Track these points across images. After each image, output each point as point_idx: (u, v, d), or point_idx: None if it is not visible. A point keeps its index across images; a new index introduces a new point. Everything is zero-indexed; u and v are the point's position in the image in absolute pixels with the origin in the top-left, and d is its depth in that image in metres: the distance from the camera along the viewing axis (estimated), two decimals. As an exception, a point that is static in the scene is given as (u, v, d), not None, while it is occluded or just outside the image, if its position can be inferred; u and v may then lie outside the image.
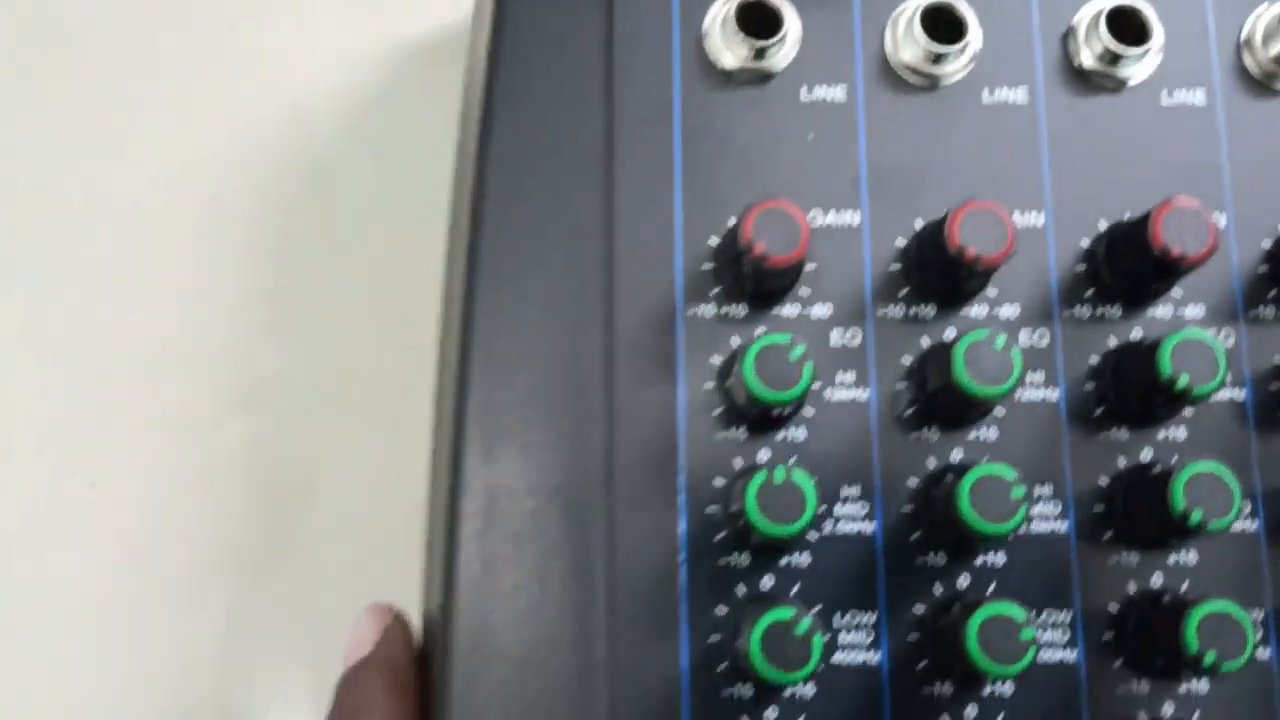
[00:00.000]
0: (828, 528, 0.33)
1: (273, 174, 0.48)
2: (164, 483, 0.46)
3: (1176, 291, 0.34)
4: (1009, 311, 0.34)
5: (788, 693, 0.32)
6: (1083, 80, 0.35)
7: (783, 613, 0.30)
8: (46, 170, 0.47)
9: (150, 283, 0.47)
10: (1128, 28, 0.35)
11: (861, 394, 0.33)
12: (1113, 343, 0.34)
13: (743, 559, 0.32)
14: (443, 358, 0.37)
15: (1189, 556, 0.33)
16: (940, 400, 0.32)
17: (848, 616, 0.32)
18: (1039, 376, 0.34)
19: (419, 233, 0.44)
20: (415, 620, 0.36)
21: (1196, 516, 0.30)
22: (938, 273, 0.33)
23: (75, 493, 0.46)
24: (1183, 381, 0.31)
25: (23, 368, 0.46)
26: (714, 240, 0.34)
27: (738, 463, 0.33)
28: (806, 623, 0.30)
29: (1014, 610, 0.30)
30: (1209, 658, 0.30)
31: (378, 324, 0.47)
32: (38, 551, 0.45)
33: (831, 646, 0.32)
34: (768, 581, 0.32)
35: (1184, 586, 0.32)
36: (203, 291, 0.47)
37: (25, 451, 0.46)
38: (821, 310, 0.34)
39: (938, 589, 0.33)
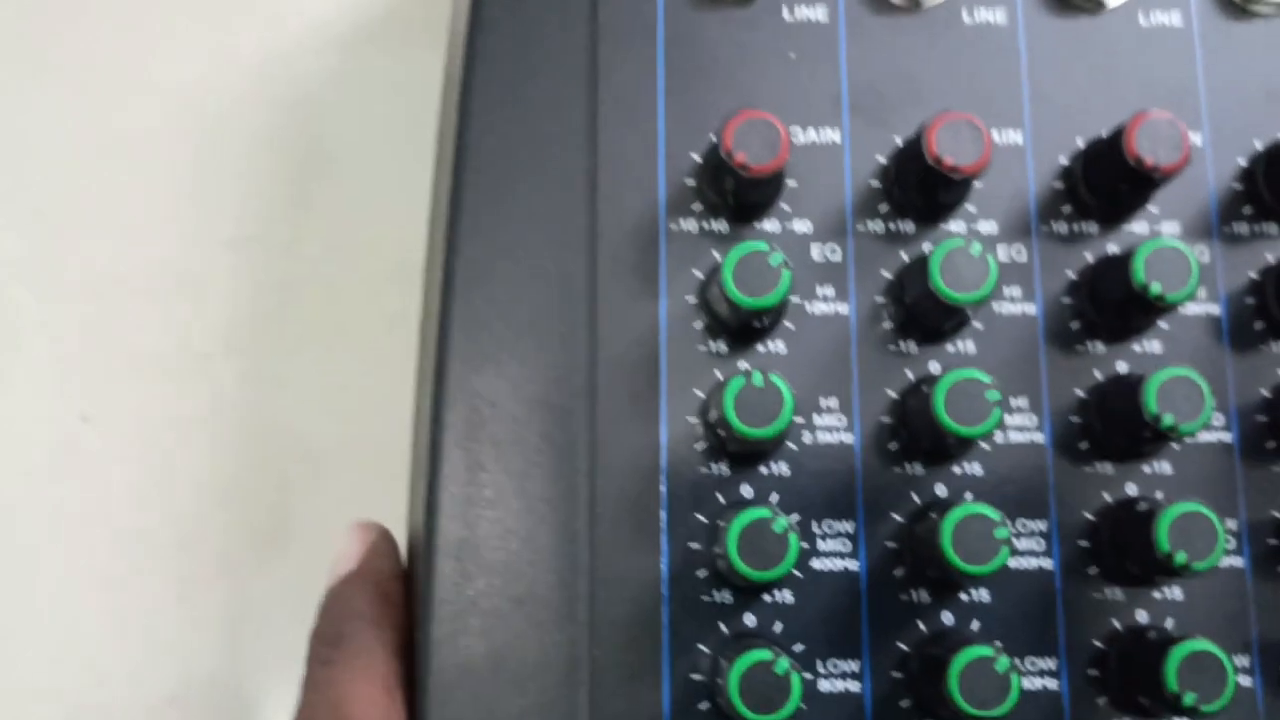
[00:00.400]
0: (807, 438, 0.33)
1: (264, 111, 0.48)
2: (157, 417, 0.46)
3: (1153, 208, 0.35)
4: (987, 227, 0.34)
5: (766, 597, 0.32)
6: (1061, 2, 0.36)
7: (760, 512, 0.30)
8: (40, 107, 0.48)
9: (143, 218, 0.47)
10: (1106, -50, 0.35)
11: (841, 308, 0.34)
12: (1090, 258, 0.34)
13: (722, 467, 0.33)
14: (429, 273, 0.37)
15: (1163, 466, 0.33)
16: (918, 310, 0.33)
17: (826, 525, 0.33)
18: (1016, 291, 0.34)
19: (412, 166, 0.45)
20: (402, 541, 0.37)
21: (1168, 421, 0.31)
22: (916, 186, 0.33)
23: (69, 426, 0.46)
24: (1155, 288, 0.31)
25: (18, 303, 0.47)
26: (696, 156, 0.34)
27: (718, 374, 0.33)
28: (783, 523, 0.30)
29: (987, 510, 0.30)
30: (1179, 558, 0.30)
31: (371, 259, 0.47)
32: (32, 484, 0.46)
33: (810, 553, 0.33)
34: (747, 489, 0.33)
35: (1159, 495, 0.33)
36: (199, 227, 0.47)
37: (20, 385, 0.46)
38: (802, 226, 0.34)
39: (915, 498, 0.33)
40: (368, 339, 0.46)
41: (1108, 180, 0.33)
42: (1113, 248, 0.34)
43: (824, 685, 0.32)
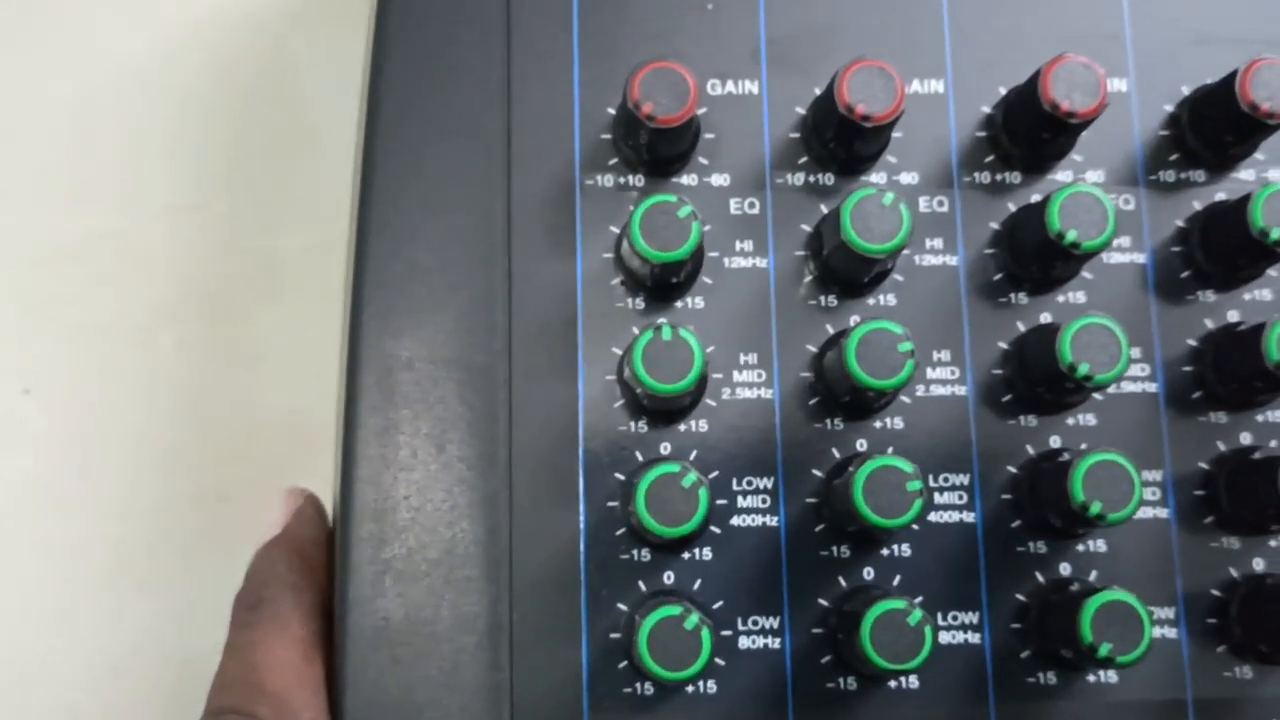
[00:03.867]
0: (726, 394, 0.33)
1: (200, 78, 0.47)
2: (98, 388, 0.46)
3: (1077, 156, 0.34)
4: (908, 178, 0.34)
5: (685, 555, 0.32)
6: (985, -52, 0.35)
7: (668, 467, 0.30)
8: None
9: (80, 188, 0.47)
10: (1028, -106, 0.35)
11: (760, 262, 0.33)
12: (1013, 208, 0.34)
13: (641, 424, 0.33)
14: (350, 235, 0.37)
15: (1088, 418, 0.33)
16: (835, 262, 0.32)
17: (746, 481, 0.33)
18: (938, 243, 0.34)
19: (353, 132, 0.44)
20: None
21: (1083, 370, 0.31)
22: (834, 137, 0.33)
23: (10, 399, 0.46)
24: (1071, 235, 0.31)
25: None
26: (611, 110, 0.34)
27: (636, 332, 0.33)
28: (691, 477, 0.30)
29: (900, 463, 0.30)
30: (1094, 508, 0.30)
31: (310, 227, 0.47)
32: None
33: (730, 510, 0.32)
34: (665, 446, 0.33)
35: (1083, 446, 0.33)
36: (137, 196, 0.47)
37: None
38: (720, 179, 0.34)
39: (835, 453, 0.33)
40: (308, 307, 0.46)
41: (1027, 127, 0.33)
42: (1036, 197, 0.34)
43: (744, 642, 0.32)
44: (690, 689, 0.32)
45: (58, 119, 0.47)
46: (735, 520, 0.32)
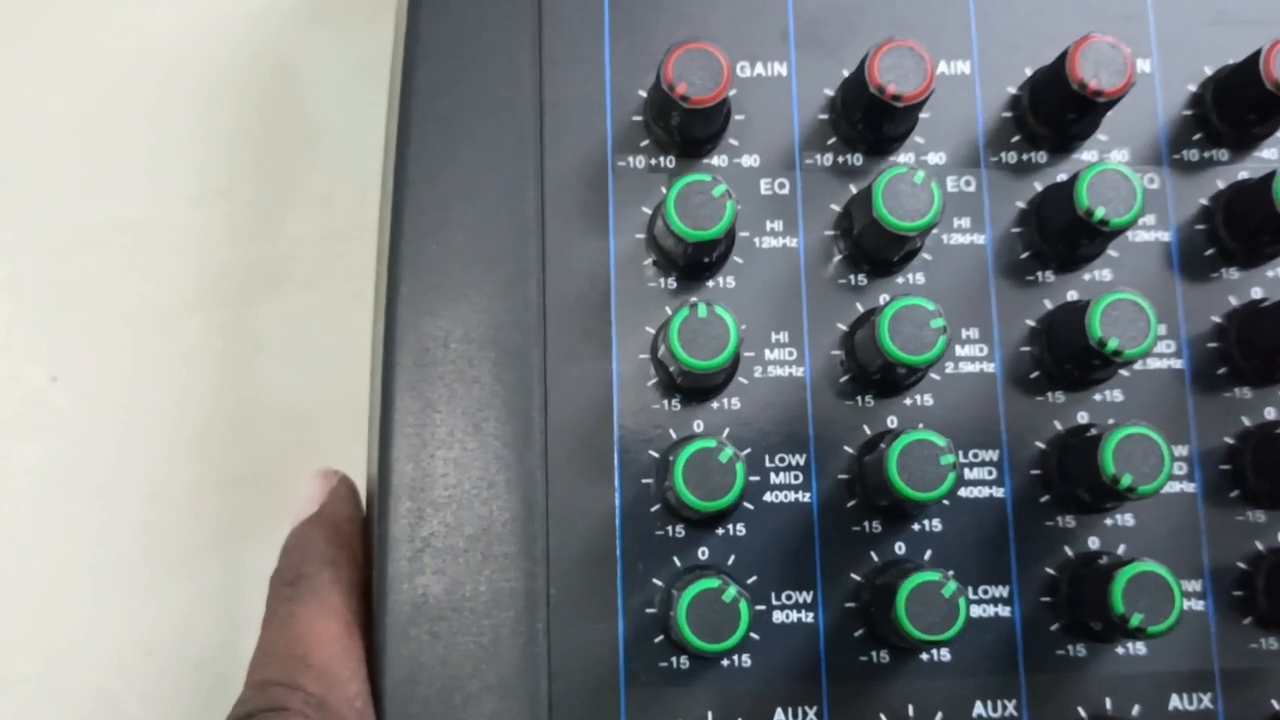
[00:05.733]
0: (758, 372, 0.33)
1: (227, 66, 0.48)
2: (124, 375, 0.46)
3: (1102, 136, 0.34)
4: (936, 159, 0.34)
5: (719, 531, 0.33)
6: (1009, -69, 0.35)
7: (706, 443, 0.30)
8: (1, 64, 0.48)
9: (107, 175, 0.47)
10: (1053, -123, 0.35)
11: (790, 241, 0.34)
12: (1039, 188, 0.34)
13: (674, 402, 0.33)
14: (381, 219, 0.37)
15: (1115, 394, 0.34)
16: (865, 241, 0.33)
17: (779, 458, 0.33)
18: (966, 222, 0.34)
19: (379, 120, 0.45)
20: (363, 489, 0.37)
21: (1113, 345, 0.31)
22: (863, 117, 0.33)
23: (38, 385, 0.46)
24: (1100, 213, 0.31)
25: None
26: (642, 93, 0.34)
27: (668, 311, 0.33)
28: (729, 452, 0.30)
29: (933, 437, 0.30)
30: (1125, 480, 0.30)
31: (335, 213, 0.47)
32: (2, 444, 0.46)
33: (763, 486, 0.33)
34: (699, 424, 0.33)
35: (1110, 422, 0.33)
36: (161, 185, 0.47)
37: (-13, 345, 0.46)
38: (750, 160, 0.34)
39: (866, 429, 0.33)
40: (334, 293, 0.46)
41: (1054, 107, 0.33)
42: (1062, 177, 0.34)
43: (778, 616, 0.32)
44: (725, 663, 0.32)
45: (81, 110, 0.48)
46: (768, 496, 0.33)
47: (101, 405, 0.46)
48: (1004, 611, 0.33)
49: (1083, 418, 0.33)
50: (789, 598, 0.32)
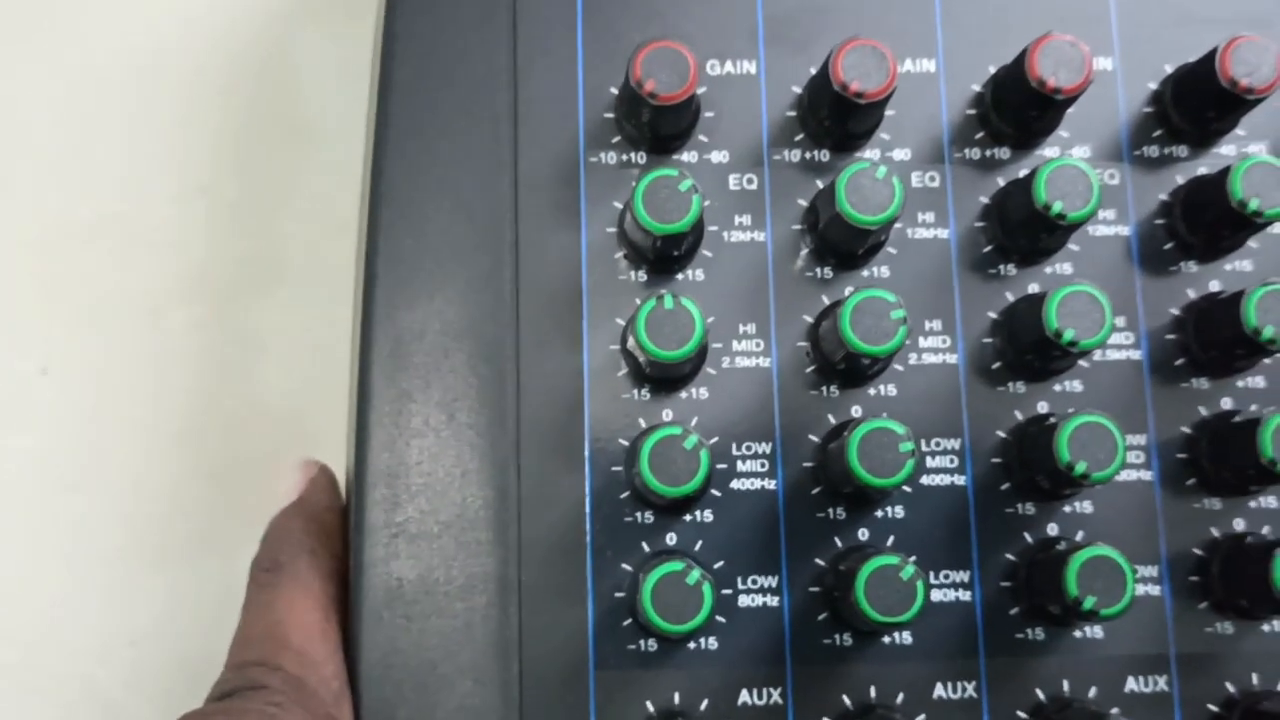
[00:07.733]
0: (726, 363, 0.34)
1: (212, 64, 0.49)
2: (110, 368, 0.47)
3: (1064, 132, 0.35)
4: (901, 155, 0.35)
5: (687, 517, 0.33)
6: (974, -69, 0.36)
7: (670, 430, 0.31)
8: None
9: (94, 171, 0.48)
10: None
11: (758, 235, 0.35)
12: (1002, 183, 0.35)
13: (643, 392, 0.34)
14: (362, 213, 0.38)
15: (1074, 384, 0.34)
16: (830, 235, 0.33)
17: (745, 446, 0.34)
18: (930, 217, 0.35)
19: (361, 118, 0.45)
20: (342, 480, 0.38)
21: (1069, 335, 0.32)
22: (829, 114, 0.34)
23: (28, 378, 0.47)
24: (1057, 207, 0.32)
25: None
26: (614, 90, 0.35)
27: (638, 303, 0.34)
28: (693, 439, 0.31)
29: (892, 425, 0.31)
30: (1080, 467, 0.31)
31: (318, 209, 0.48)
32: (-8, 435, 0.47)
33: (730, 474, 0.34)
34: (667, 413, 0.34)
35: (1070, 411, 0.34)
36: (146, 181, 0.48)
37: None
38: (719, 156, 0.35)
39: (830, 419, 0.34)
40: (315, 290, 0.47)
41: (1016, 104, 0.34)
42: (1024, 173, 0.35)
43: (744, 600, 0.33)
44: (692, 645, 0.33)
45: (67, 106, 0.48)
46: (735, 484, 0.34)
47: (88, 398, 0.47)
48: (965, 596, 0.33)
49: (1043, 407, 0.34)
50: (754, 582, 0.33)
